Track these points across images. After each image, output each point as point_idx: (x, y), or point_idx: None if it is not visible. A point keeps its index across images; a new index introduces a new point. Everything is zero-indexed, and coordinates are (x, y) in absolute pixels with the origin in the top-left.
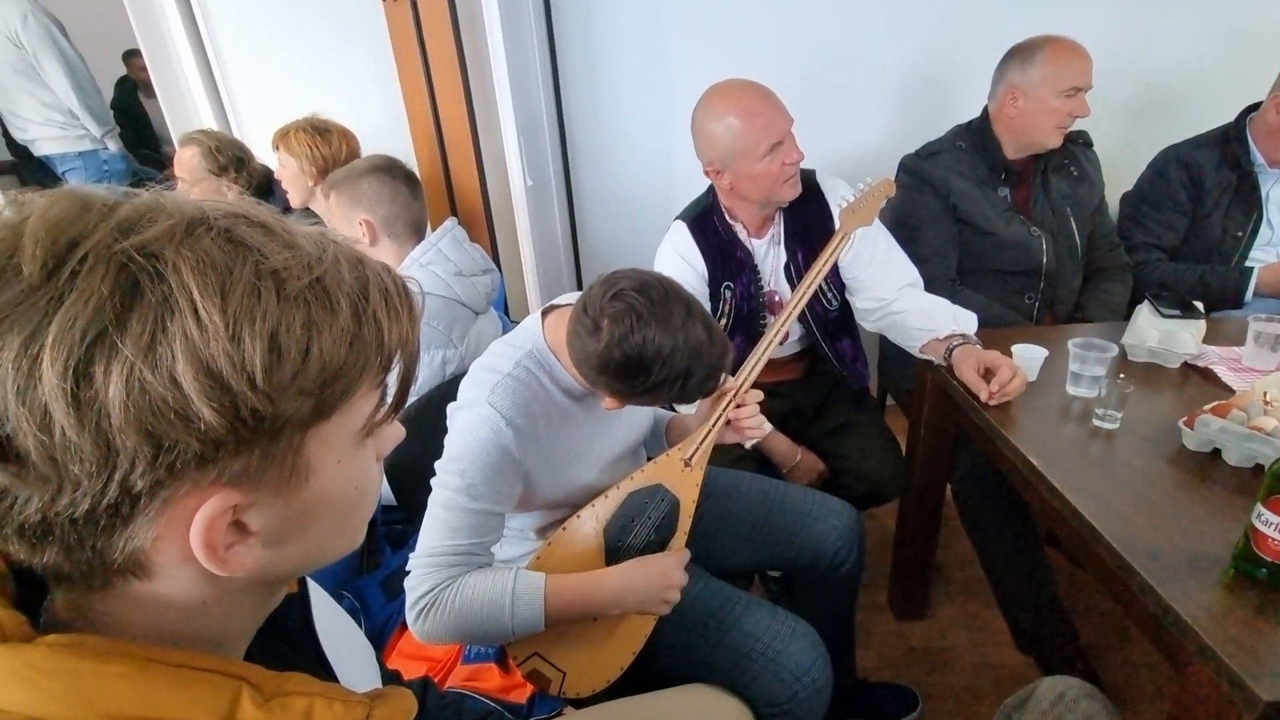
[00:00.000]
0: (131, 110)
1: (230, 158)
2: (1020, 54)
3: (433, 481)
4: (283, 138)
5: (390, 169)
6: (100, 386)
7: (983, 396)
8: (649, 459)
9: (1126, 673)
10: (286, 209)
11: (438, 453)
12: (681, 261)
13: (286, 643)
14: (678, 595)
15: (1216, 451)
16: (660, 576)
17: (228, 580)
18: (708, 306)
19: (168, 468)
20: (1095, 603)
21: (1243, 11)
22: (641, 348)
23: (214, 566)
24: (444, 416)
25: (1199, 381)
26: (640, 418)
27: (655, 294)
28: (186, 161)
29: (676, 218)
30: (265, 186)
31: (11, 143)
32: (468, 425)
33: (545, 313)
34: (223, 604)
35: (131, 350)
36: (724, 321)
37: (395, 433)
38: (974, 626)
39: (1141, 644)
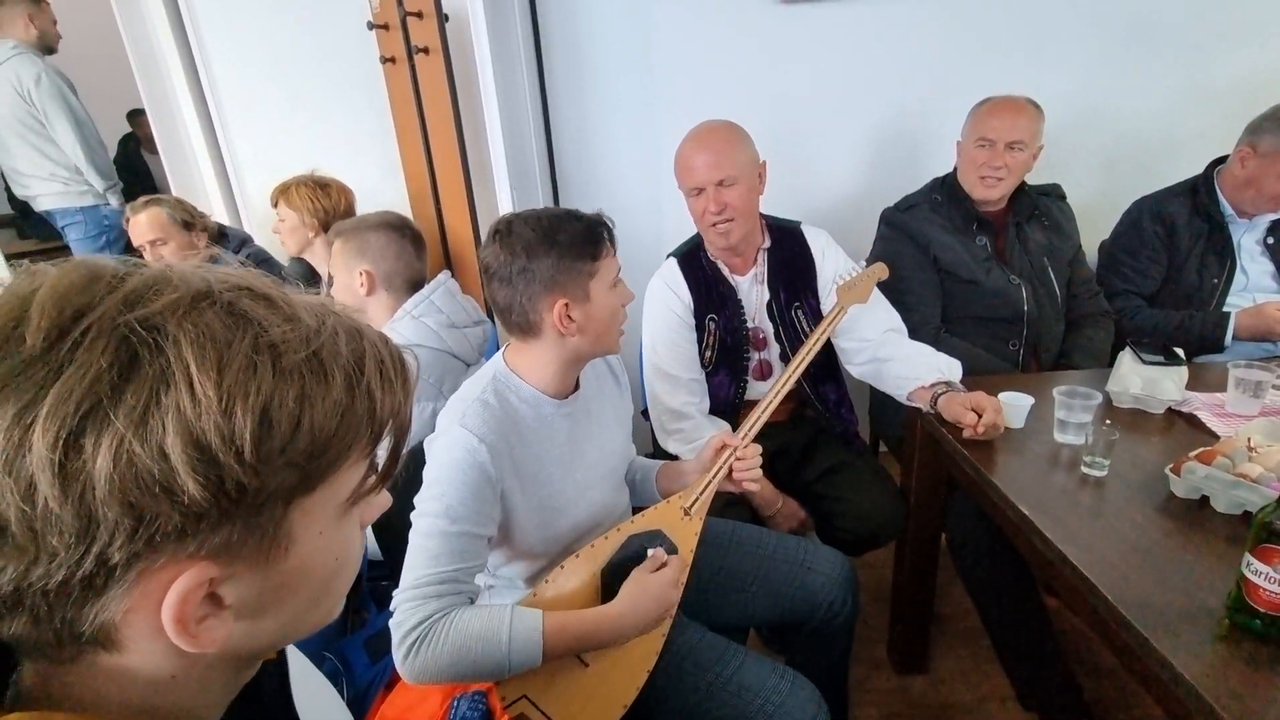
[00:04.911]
0: (134, 166)
1: (191, 212)
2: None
3: (412, 515)
4: (284, 192)
5: (400, 227)
6: (89, 458)
7: (966, 425)
8: (637, 510)
9: None
10: (238, 248)
11: None
12: (668, 290)
13: (262, 713)
14: (674, 610)
15: (1206, 498)
16: (657, 601)
17: (198, 655)
18: (693, 337)
19: (147, 540)
20: (1097, 654)
21: (1207, 69)
22: (534, 214)
23: (183, 642)
24: None
25: (1184, 427)
26: (613, 440)
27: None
28: (157, 219)
29: (668, 255)
30: (217, 241)
31: (12, 196)
32: (442, 449)
33: (507, 347)
34: (192, 678)
35: (123, 422)
36: (709, 353)
37: (382, 501)
38: (975, 680)
39: (1145, 698)
